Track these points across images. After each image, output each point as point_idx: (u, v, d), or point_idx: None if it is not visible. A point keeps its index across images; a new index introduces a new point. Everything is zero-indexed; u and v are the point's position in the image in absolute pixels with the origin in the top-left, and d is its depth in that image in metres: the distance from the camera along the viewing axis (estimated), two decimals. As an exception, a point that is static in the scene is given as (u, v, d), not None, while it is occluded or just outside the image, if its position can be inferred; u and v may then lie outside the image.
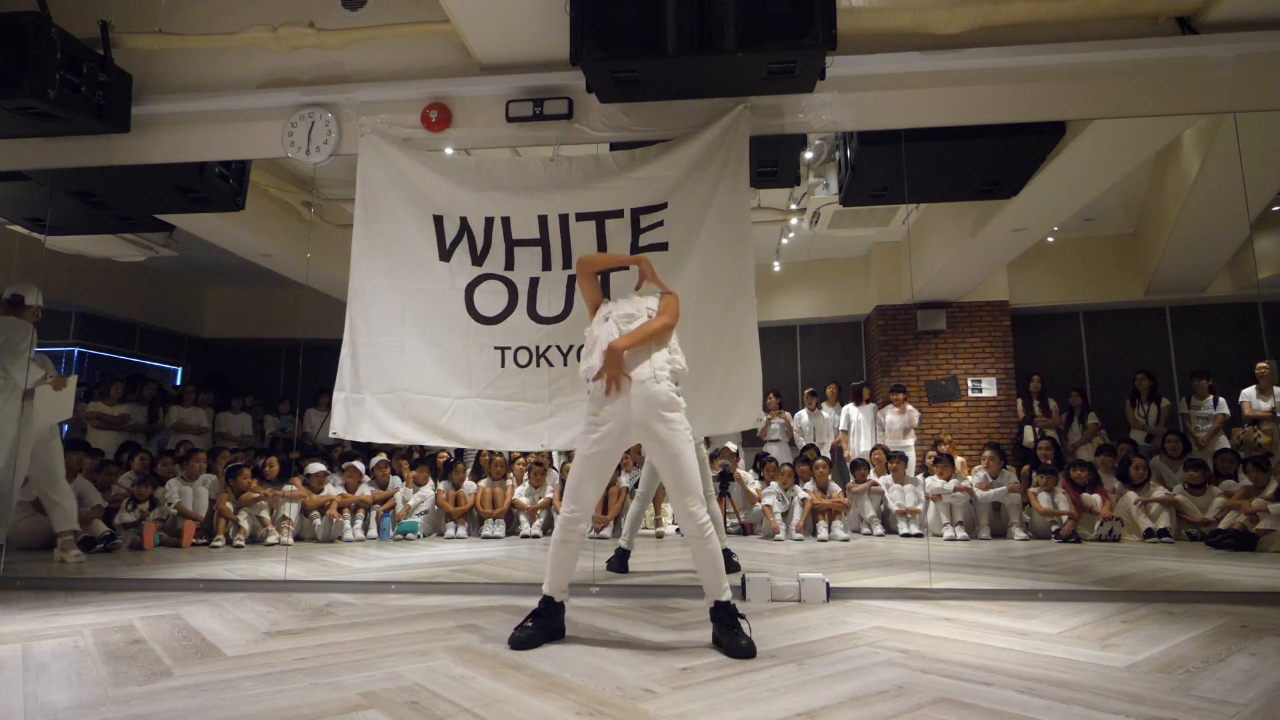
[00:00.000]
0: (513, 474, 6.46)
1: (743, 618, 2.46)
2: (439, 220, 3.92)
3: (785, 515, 6.08)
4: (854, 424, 7.19)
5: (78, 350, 6.60)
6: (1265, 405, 5.68)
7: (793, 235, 7.04)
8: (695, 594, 2.79)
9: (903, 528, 6.13)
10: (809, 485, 6.14)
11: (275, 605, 3.23)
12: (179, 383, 7.48)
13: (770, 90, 3.66)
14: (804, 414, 7.42)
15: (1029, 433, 7.01)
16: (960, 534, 5.83)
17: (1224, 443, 5.96)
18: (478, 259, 3.89)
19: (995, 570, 4.21)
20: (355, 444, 5.15)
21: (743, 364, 3.64)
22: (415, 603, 3.27)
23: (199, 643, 2.56)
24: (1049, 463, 6.16)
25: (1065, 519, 5.72)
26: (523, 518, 6.26)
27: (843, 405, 7.38)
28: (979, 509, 6.03)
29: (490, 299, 3.86)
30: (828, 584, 3.27)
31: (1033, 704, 1.86)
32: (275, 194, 5.77)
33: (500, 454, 6.37)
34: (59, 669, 2.24)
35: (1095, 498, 5.75)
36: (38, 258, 4.77)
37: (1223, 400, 6.06)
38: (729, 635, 2.41)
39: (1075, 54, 3.69)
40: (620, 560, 4.17)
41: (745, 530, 6.38)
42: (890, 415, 6.98)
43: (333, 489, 6.05)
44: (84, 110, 3.86)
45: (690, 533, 2.51)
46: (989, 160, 4.38)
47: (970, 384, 7.59)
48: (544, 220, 3.84)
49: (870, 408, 7.23)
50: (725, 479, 6.21)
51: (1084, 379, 7.41)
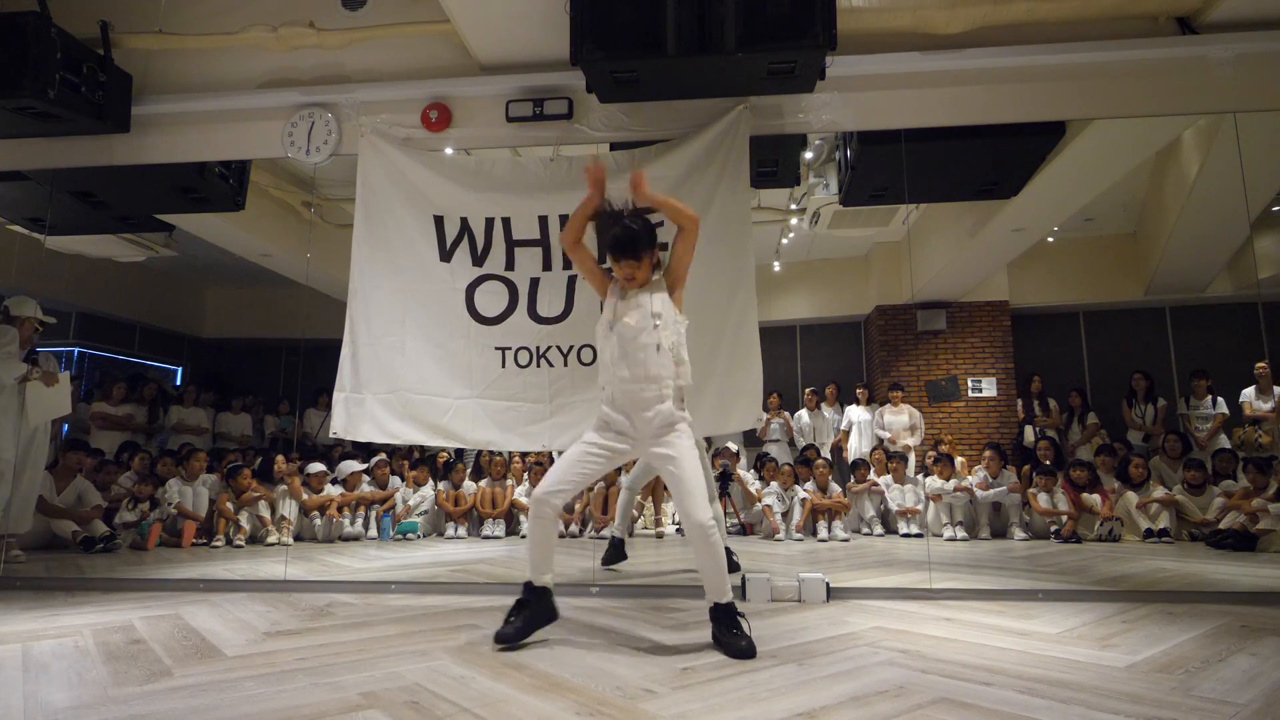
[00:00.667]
0: (512, 474, 6.46)
1: (743, 617, 2.46)
2: (439, 221, 3.92)
3: (785, 515, 6.08)
4: (856, 425, 7.19)
5: (78, 350, 6.59)
6: (1265, 405, 5.69)
7: (793, 235, 7.03)
8: (695, 594, 2.79)
9: (903, 528, 6.13)
10: (809, 485, 6.14)
11: (275, 605, 3.23)
12: (179, 383, 7.48)
13: (770, 90, 3.66)
14: (804, 414, 7.41)
15: (1029, 433, 7.01)
16: (960, 534, 5.83)
17: (1223, 443, 5.96)
18: (478, 259, 3.89)
19: (995, 570, 4.21)
20: (355, 444, 5.15)
21: (743, 364, 3.63)
22: (415, 603, 3.27)
23: (199, 643, 2.56)
24: (1049, 463, 6.16)
25: (1065, 519, 5.72)
26: (523, 518, 6.23)
27: (843, 405, 7.37)
28: (979, 509, 6.03)
29: (491, 299, 3.86)
30: (828, 584, 3.27)
31: (1033, 704, 1.86)
32: (275, 194, 5.77)
33: (500, 454, 6.37)
34: (59, 669, 2.24)
35: (1095, 498, 5.75)
36: (38, 258, 4.77)
37: (1221, 400, 6.06)
38: (729, 635, 2.40)
39: (1075, 54, 3.68)
40: (616, 551, 4.17)
41: (745, 530, 6.38)
42: (889, 415, 6.98)
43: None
44: (84, 110, 3.85)
45: (695, 535, 2.47)
46: (989, 160, 4.38)
47: (970, 384, 7.58)
48: (544, 220, 3.84)
49: (871, 408, 7.24)
50: (725, 479, 6.20)
51: (1084, 379, 7.40)
